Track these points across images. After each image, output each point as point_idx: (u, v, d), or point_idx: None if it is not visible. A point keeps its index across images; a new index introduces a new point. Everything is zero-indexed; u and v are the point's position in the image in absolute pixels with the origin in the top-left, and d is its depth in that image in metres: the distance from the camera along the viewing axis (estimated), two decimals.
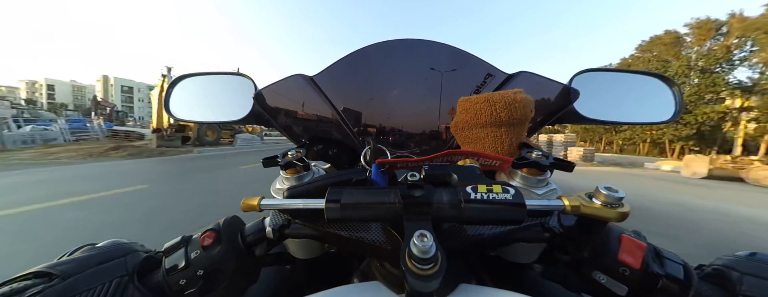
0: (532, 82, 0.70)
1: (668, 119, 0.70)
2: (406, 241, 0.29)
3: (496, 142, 0.53)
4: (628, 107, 0.74)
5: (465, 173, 0.37)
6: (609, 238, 0.38)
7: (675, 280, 0.36)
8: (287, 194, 0.41)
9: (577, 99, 0.65)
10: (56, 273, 0.34)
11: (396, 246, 0.38)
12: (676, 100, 0.70)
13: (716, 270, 0.38)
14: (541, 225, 0.42)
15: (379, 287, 0.42)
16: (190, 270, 0.39)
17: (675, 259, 0.38)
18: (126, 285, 0.36)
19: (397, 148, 0.74)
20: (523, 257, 0.53)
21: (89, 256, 0.38)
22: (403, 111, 0.78)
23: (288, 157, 0.50)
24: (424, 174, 0.35)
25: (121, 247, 0.41)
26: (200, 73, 0.87)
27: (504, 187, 0.32)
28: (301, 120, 0.79)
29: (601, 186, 0.35)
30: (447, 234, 0.39)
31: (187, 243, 0.42)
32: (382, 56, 0.77)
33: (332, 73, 0.76)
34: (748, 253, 0.39)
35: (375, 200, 0.33)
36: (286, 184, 0.50)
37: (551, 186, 0.46)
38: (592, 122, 0.69)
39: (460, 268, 0.50)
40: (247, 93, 0.76)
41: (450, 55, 0.74)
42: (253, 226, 0.45)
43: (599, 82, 0.71)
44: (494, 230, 0.40)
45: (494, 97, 0.52)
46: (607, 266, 0.38)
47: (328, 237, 0.42)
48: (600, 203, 0.34)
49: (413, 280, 0.27)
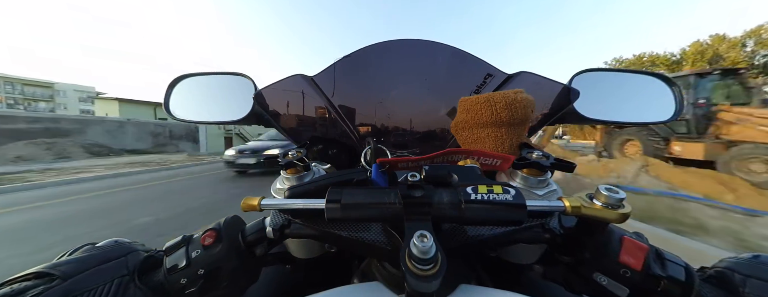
0: (532, 82, 0.70)
1: (668, 119, 0.70)
2: (406, 241, 0.29)
3: (497, 143, 0.53)
4: (628, 107, 0.73)
5: (465, 173, 0.37)
6: (610, 240, 0.38)
7: (676, 282, 0.36)
8: (288, 194, 0.41)
9: (578, 99, 0.64)
10: (57, 273, 0.34)
11: (396, 246, 0.38)
12: (676, 99, 0.70)
13: (718, 272, 0.37)
14: (541, 226, 0.42)
15: (379, 287, 0.42)
16: (190, 269, 0.39)
17: (677, 260, 0.38)
18: (127, 285, 0.36)
19: (398, 148, 0.74)
20: (524, 258, 0.53)
21: (90, 256, 0.38)
22: (404, 111, 0.78)
23: (288, 157, 0.50)
24: (424, 174, 0.35)
25: (122, 246, 0.41)
26: (200, 73, 0.87)
27: (504, 188, 0.32)
28: (302, 120, 0.79)
29: (601, 187, 0.35)
30: (447, 234, 0.39)
31: (188, 242, 0.42)
32: (382, 56, 0.77)
33: (332, 73, 0.76)
34: (752, 255, 0.38)
35: (375, 200, 0.33)
36: (287, 184, 0.50)
37: (552, 187, 0.46)
38: (592, 122, 0.69)
39: (460, 268, 0.50)
40: (247, 93, 0.76)
41: (450, 55, 0.74)
42: (253, 226, 0.45)
43: (599, 82, 0.71)
44: (494, 231, 0.40)
45: (495, 97, 0.52)
46: (608, 268, 0.37)
47: (328, 237, 0.42)
48: (601, 204, 0.34)
49: (413, 281, 0.27)
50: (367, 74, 0.79)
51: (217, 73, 0.86)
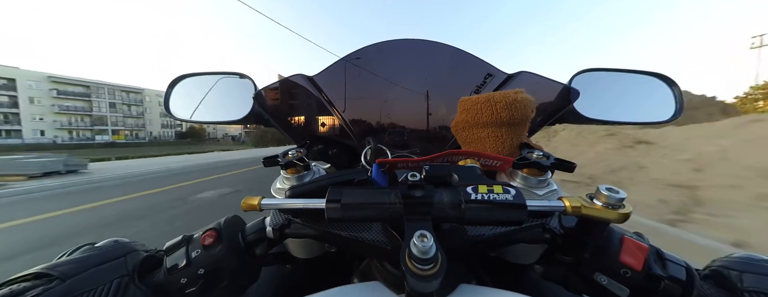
0: (532, 82, 0.69)
1: (668, 119, 0.70)
2: (406, 241, 0.29)
3: (497, 143, 0.53)
4: (628, 107, 0.73)
5: (465, 173, 0.37)
6: (610, 240, 0.38)
7: (677, 281, 0.36)
8: (288, 194, 0.41)
9: (578, 99, 0.64)
10: (56, 274, 0.33)
11: (396, 246, 0.38)
12: (677, 99, 0.70)
13: (715, 271, 0.38)
14: (541, 226, 0.41)
15: (379, 287, 0.42)
16: (191, 269, 0.39)
17: (677, 260, 0.38)
18: (127, 285, 0.36)
19: (398, 148, 0.74)
20: (524, 258, 0.53)
21: (89, 256, 0.38)
22: (404, 111, 0.78)
23: (288, 156, 0.50)
24: (424, 174, 0.35)
25: (121, 246, 0.41)
26: (200, 72, 0.87)
27: (505, 188, 0.32)
28: (302, 120, 0.79)
29: (602, 187, 0.35)
30: (447, 234, 0.39)
31: (188, 242, 0.42)
32: (383, 56, 0.77)
33: (332, 73, 0.76)
34: (744, 254, 0.39)
35: (375, 200, 0.33)
36: (287, 184, 0.50)
37: (552, 187, 0.46)
38: (592, 122, 0.69)
39: (460, 268, 0.50)
40: (247, 93, 0.76)
41: (450, 55, 0.74)
42: (253, 226, 0.45)
43: (599, 82, 0.71)
44: (494, 231, 0.40)
45: (495, 97, 0.51)
46: (609, 267, 0.37)
47: (328, 237, 0.42)
48: (601, 204, 0.34)
49: (413, 281, 0.27)
50: (367, 74, 0.79)
51: (218, 72, 0.86)
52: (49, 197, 6.45)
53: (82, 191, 7.16)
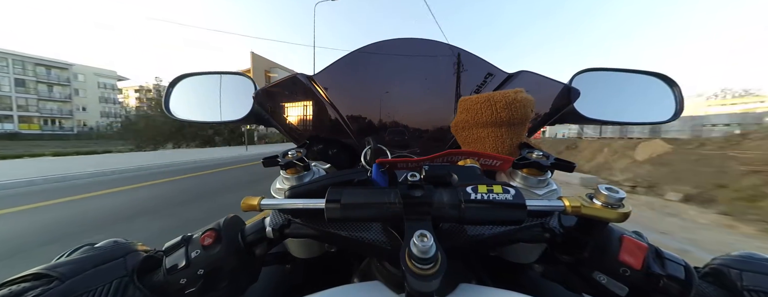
0: (532, 82, 0.69)
1: (669, 119, 0.70)
2: (406, 241, 0.29)
3: (497, 142, 0.53)
4: (628, 107, 0.73)
5: (465, 173, 0.37)
6: (610, 239, 0.38)
7: (676, 280, 0.36)
8: (288, 194, 0.41)
9: (578, 98, 0.64)
10: (55, 275, 0.33)
11: (396, 246, 0.38)
12: (677, 99, 0.70)
13: (714, 269, 0.38)
14: (541, 225, 0.42)
15: (379, 287, 0.42)
16: (190, 269, 0.39)
17: (676, 259, 0.38)
18: (126, 285, 0.36)
19: (398, 148, 0.74)
20: (524, 257, 0.53)
21: (88, 256, 0.38)
22: (404, 110, 0.78)
23: (288, 157, 0.50)
24: (424, 174, 0.35)
25: (121, 246, 0.41)
26: (200, 72, 0.87)
27: (504, 188, 0.32)
28: (301, 120, 0.79)
29: (601, 187, 0.35)
30: (447, 234, 0.39)
31: (188, 242, 0.42)
32: (382, 55, 0.77)
33: (332, 72, 0.76)
34: (744, 253, 0.39)
35: (375, 200, 0.33)
36: (287, 184, 0.50)
37: (552, 186, 0.46)
38: (592, 122, 0.69)
39: (460, 268, 0.50)
40: (247, 92, 0.76)
41: (450, 54, 0.74)
42: (253, 226, 0.45)
43: (600, 82, 0.70)
44: (494, 230, 0.40)
45: (495, 96, 0.51)
46: (608, 266, 0.38)
47: (328, 237, 0.42)
48: (600, 204, 0.34)
49: (413, 280, 0.27)
50: (368, 74, 0.79)
51: (218, 72, 0.86)
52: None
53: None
